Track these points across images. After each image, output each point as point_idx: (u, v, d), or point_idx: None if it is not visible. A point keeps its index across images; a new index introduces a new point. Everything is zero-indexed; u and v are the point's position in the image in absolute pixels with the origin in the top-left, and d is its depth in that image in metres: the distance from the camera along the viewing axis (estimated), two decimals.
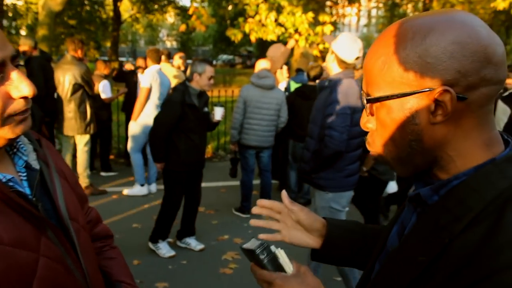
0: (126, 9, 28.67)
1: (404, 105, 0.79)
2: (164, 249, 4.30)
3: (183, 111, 3.99)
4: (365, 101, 0.85)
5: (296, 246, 1.25)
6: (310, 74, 5.52)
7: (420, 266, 0.79)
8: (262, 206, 1.26)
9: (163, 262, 4.16)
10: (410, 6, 20.43)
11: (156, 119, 4.13)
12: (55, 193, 1.10)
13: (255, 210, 1.27)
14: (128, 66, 8.62)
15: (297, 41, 10.11)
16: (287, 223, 1.25)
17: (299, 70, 6.35)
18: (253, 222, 1.24)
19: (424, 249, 0.80)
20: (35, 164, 1.10)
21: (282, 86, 6.33)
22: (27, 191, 1.03)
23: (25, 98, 0.96)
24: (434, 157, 0.83)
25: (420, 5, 19.43)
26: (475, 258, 0.72)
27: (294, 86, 6.02)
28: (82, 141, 5.68)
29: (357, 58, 3.08)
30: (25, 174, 1.06)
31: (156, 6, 24.14)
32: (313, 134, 3.26)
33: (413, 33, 0.77)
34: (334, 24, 11.11)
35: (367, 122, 0.89)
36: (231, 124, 5.26)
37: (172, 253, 4.29)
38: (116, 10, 21.96)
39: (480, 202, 0.76)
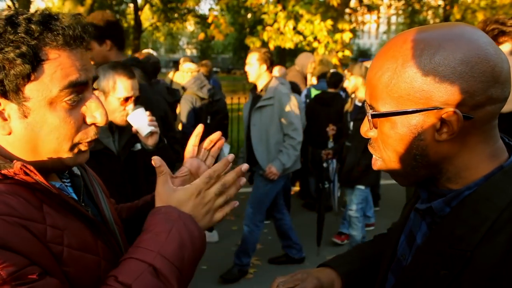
0: (147, 18, 29.03)
1: (409, 121, 0.79)
2: None
3: None
4: (369, 116, 0.84)
5: None
6: (331, 80, 5.54)
7: (444, 280, 0.78)
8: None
9: None
10: (430, 12, 20.22)
11: None
12: (97, 198, 1.10)
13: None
14: None
15: (316, 48, 10.15)
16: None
17: (320, 77, 6.35)
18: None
19: (445, 262, 0.79)
20: (76, 170, 1.09)
21: (303, 93, 6.34)
22: (74, 197, 1.03)
23: (96, 126, 0.95)
24: (439, 169, 0.83)
25: (441, 11, 19.24)
26: (505, 270, 0.71)
27: (314, 93, 6.02)
28: None
29: None
30: (68, 180, 1.06)
31: (176, 15, 24.38)
32: None
33: (421, 50, 0.76)
34: (353, 31, 11.08)
35: (368, 131, 0.89)
36: None
37: None
38: (137, 19, 22.26)
39: (494, 210, 0.76)
